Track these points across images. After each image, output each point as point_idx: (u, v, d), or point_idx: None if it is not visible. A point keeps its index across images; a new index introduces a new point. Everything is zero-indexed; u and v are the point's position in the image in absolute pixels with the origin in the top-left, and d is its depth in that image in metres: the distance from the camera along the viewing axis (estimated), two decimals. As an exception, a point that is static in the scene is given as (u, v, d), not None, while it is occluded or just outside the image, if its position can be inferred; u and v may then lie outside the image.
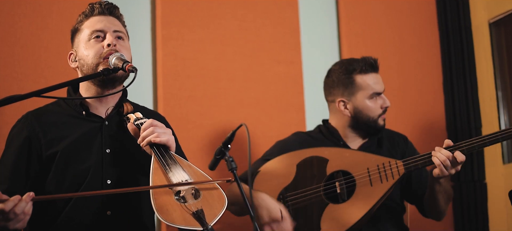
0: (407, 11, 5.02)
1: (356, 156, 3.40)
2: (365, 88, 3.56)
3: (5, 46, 3.53)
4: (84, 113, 2.83)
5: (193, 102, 4.07)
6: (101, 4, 2.90)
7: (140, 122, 2.73)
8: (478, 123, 4.85)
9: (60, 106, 2.89)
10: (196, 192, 2.47)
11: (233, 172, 2.56)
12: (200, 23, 4.20)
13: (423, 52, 5.00)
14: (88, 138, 2.77)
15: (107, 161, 2.75)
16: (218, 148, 2.66)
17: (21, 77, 3.53)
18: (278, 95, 4.39)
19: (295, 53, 4.51)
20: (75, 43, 2.90)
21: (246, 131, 2.52)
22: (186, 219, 2.34)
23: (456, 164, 3.09)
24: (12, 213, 2.21)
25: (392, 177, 3.25)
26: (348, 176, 3.34)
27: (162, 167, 2.55)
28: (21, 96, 2.34)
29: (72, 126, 2.79)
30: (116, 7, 2.96)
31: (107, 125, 2.83)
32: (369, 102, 3.56)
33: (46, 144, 2.72)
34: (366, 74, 3.56)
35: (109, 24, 2.86)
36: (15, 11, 3.59)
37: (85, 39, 2.82)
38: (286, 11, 4.54)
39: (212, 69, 4.18)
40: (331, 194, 3.34)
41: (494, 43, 4.87)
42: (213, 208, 2.44)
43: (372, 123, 3.56)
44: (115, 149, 2.79)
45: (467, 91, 4.91)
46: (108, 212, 2.68)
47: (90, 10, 2.89)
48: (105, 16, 2.88)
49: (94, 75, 2.66)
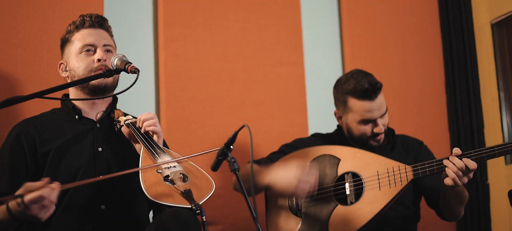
0: (409, 12, 5.03)
1: (367, 158, 3.37)
2: (355, 113, 3.49)
3: (8, 48, 3.54)
4: (76, 117, 2.95)
5: (195, 103, 4.07)
6: (91, 17, 3.02)
7: (131, 121, 2.89)
8: (480, 124, 4.85)
9: (55, 114, 3.03)
10: (185, 176, 2.58)
11: (236, 173, 2.58)
12: (202, 24, 4.20)
13: (425, 53, 5.00)
14: (81, 138, 2.90)
15: (99, 158, 2.87)
16: (220, 149, 2.66)
17: (24, 78, 3.53)
18: (280, 96, 4.39)
19: (297, 54, 4.51)
20: (66, 54, 3.04)
21: (248, 132, 2.53)
22: (174, 197, 2.43)
23: (468, 172, 3.01)
24: (48, 200, 2.28)
25: (401, 183, 3.22)
26: (357, 178, 3.33)
27: (151, 155, 2.69)
28: (23, 97, 2.36)
29: (65, 128, 2.92)
30: (105, 20, 3.09)
31: (99, 127, 2.96)
32: (359, 126, 3.50)
33: (41, 142, 2.82)
34: (360, 101, 3.46)
35: (99, 38, 3.00)
36: (17, 13, 3.59)
37: (76, 51, 2.96)
38: (288, 12, 4.54)
39: (214, 70, 4.18)
40: (341, 195, 3.33)
41: (496, 44, 4.87)
42: (201, 190, 2.54)
43: (361, 141, 3.54)
44: (107, 148, 2.92)
45: (469, 92, 4.90)
46: (103, 207, 2.78)
47: (80, 22, 3.02)
48: (95, 29, 3.02)
49: (97, 77, 2.70)
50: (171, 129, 3.95)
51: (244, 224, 3.93)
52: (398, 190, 3.22)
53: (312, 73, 4.58)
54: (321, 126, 4.19)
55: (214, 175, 2.93)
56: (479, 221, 4.70)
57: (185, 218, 2.38)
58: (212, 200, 3.92)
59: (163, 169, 2.59)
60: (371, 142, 3.51)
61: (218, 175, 3.01)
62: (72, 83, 2.80)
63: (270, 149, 3.75)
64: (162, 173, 2.56)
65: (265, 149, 4.04)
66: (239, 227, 4.00)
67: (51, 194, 2.30)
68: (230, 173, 2.64)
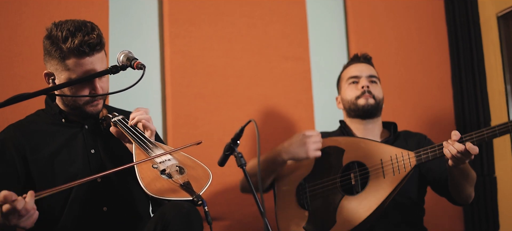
0: (414, 6, 5.01)
1: (371, 147, 3.40)
2: (344, 78, 3.76)
3: (14, 45, 3.54)
4: (63, 121, 2.88)
5: (201, 99, 4.07)
6: (90, 46, 2.66)
7: (117, 119, 2.83)
8: (487, 117, 4.84)
9: (39, 117, 2.93)
10: (181, 169, 2.55)
11: (243, 168, 2.58)
12: (207, 20, 4.19)
13: (431, 47, 4.99)
14: (72, 142, 2.84)
15: (93, 161, 2.83)
16: (227, 144, 2.67)
17: (30, 76, 3.54)
18: (286, 91, 4.38)
19: (303, 49, 4.50)
20: (53, 68, 2.76)
21: (255, 127, 2.52)
22: (175, 191, 2.41)
23: (469, 155, 3.01)
24: (24, 209, 2.22)
25: (404, 169, 3.24)
26: (363, 168, 3.35)
27: (144, 151, 2.64)
28: (29, 94, 2.35)
29: (53, 133, 2.84)
30: (101, 37, 2.73)
31: (87, 128, 2.89)
32: (349, 90, 3.70)
33: (31, 149, 2.75)
34: (348, 67, 3.78)
35: (96, 64, 2.71)
36: (23, 10, 3.59)
37: (69, 75, 2.70)
38: (294, 8, 4.53)
39: (220, 66, 4.18)
40: (347, 185, 3.36)
41: (503, 37, 4.85)
42: (199, 180, 2.51)
43: (353, 106, 3.67)
44: (99, 149, 2.87)
45: (475, 85, 4.89)
46: (105, 208, 2.77)
47: (78, 52, 2.66)
48: (91, 57, 2.69)
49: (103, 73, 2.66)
50: (177, 125, 3.95)
51: (251, 219, 3.93)
52: (402, 177, 3.24)
53: (318, 69, 4.57)
54: (327, 121, 4.19)
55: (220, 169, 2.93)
56: (486, 214, 4.69)
57: (186, 211, 2.39)
58: (218, 196, 3.95)
59: (158, 163, 2.57)
60: (358, 102, 3.64)
61: (224, 170, 3.01)
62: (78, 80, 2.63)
63: (276, 145, 3.74)
64: (158, 167, 2.54)
65: (271, 144, 4.04)
66: (246, 223, 4.00)
67: (25, 204, 2.22)
68: (236, 168, 2.64)
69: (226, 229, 3.98)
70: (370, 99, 3.62)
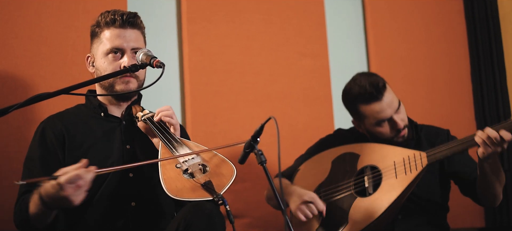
0: (433, 1, 4.99)
1: (384, 150, 3.39)
2: (369, 117, 3.45)
3: (33, 45, 3.56)
4: (102, 115, 2.96)
5: (220, 97, 4.08)
6: (122, 16, 2.91)
7: (147, 117, 2.88)
8: (507, 112, 4.81)
9: (79, 110, 3.03)
10: (204, 167, 2.60)
11: (263, 165, 2.56)
12: (225, 18, 4.20)
13: (451, 43, 4.97)
14: (109, 136, 2.91)
15: (127, 156, 2.88)
16: (247, 142, 2.65)
17: (49, 75, 3.55)
18: (305, 88, 4.37)
19: (321, 46, 4.49)
20: (94, 48, 2.97)
21: (275, 124, 2.52)
22: (195, 191, 2.44)
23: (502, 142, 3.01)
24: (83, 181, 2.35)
25: (416, 169, 3.23)
26: (376, 170, 3.35)
27: (169, 149, 2.69)
28: (49, 94, 2.36)
29: (92, 125, 2.92)
30: (137, 16, 2.97)
31: (125, 124, 2.96)
32: (378, 128, 3.47)
33: (70, 138, 2.84)
34: (368, 105, 3.42)
35: (128, 39, 2.90)
36: (41, 10, 3.61)
37: (103, 51, 2.90)
38: (312, 4, 4.52)
39: (238, 64, 4.18)
40: (360, 188, 3.36)
41: (522, 31, 4.83)
42: (222, 178, 2.54)
43: (390, 142, 3.48)
44: (134, 145, 2.92)
45: (495, 80, 4.87)
46: (133, 204, 2.80)
47: (111, 20, 2.91)
48: (124, 30, 2.90)
49: (121, 72, 2.72)
50: (196, 123, 3.95)
51: (271, 217, 3.93)
52: (414, 176, 3.22)
53: (336, 65, 4.56)
54: (346, 117, 4.16)
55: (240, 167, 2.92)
56: (508, 210, 4.66)
57: (208, 211, 2.39)
58: (239, 193, 3.95)
59: (181, 163, 2.60)
60: (395, 140, 3.47)
61: (244, 168, 3.00)
62: (98, 79, 2.73)
63: (295, 142, 3.75)
64: (181, 167, 2.58)
65: (290, 140, 4.03)
66: (266, 220, 4.00)
67: (87, 174, 2.36)
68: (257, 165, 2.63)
69: (246, 226, 3.98)
70: (405, 133, 3.48)
